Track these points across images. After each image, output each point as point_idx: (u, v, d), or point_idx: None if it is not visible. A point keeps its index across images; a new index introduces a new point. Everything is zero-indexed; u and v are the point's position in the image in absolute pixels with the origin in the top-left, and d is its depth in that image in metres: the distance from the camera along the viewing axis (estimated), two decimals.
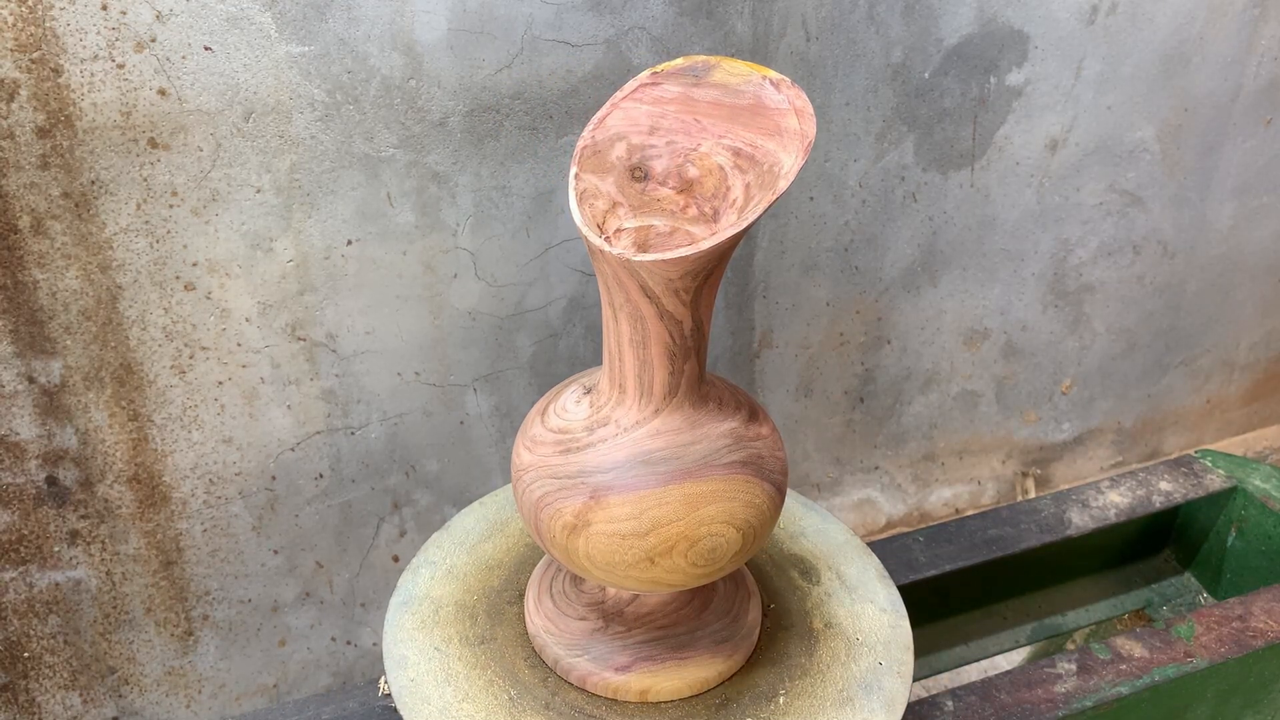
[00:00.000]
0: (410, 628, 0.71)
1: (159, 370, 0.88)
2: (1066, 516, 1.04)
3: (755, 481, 0.61)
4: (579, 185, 0.57)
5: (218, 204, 0.84)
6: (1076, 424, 1.37)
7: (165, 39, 0.77)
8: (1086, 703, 0.82)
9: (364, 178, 0.87)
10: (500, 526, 0.81)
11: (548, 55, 0.88)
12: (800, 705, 0.67)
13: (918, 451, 1.29)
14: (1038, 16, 1.05)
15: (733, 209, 0.56)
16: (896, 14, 0.99)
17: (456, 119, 0.88)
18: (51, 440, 0.87)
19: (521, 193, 0.93)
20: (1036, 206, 1.17)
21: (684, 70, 0.58)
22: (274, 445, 0.95)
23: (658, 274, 0.53)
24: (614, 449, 0.59)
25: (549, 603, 0.71)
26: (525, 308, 0.98)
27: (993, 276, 1.20)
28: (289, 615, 1.03)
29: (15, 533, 0.89)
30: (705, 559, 0.60)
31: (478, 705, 0.66)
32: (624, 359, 0.59)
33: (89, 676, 0.97)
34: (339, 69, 0.82)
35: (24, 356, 0.83)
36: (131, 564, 0.94)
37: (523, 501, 0.62)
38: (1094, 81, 1.12)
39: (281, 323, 0.90)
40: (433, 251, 0.92)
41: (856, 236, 1.10)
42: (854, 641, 0.72)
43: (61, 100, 0.76)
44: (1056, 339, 1.29)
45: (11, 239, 0.79)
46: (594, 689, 0.67)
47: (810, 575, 0.78)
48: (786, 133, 0.55)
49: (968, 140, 1.10)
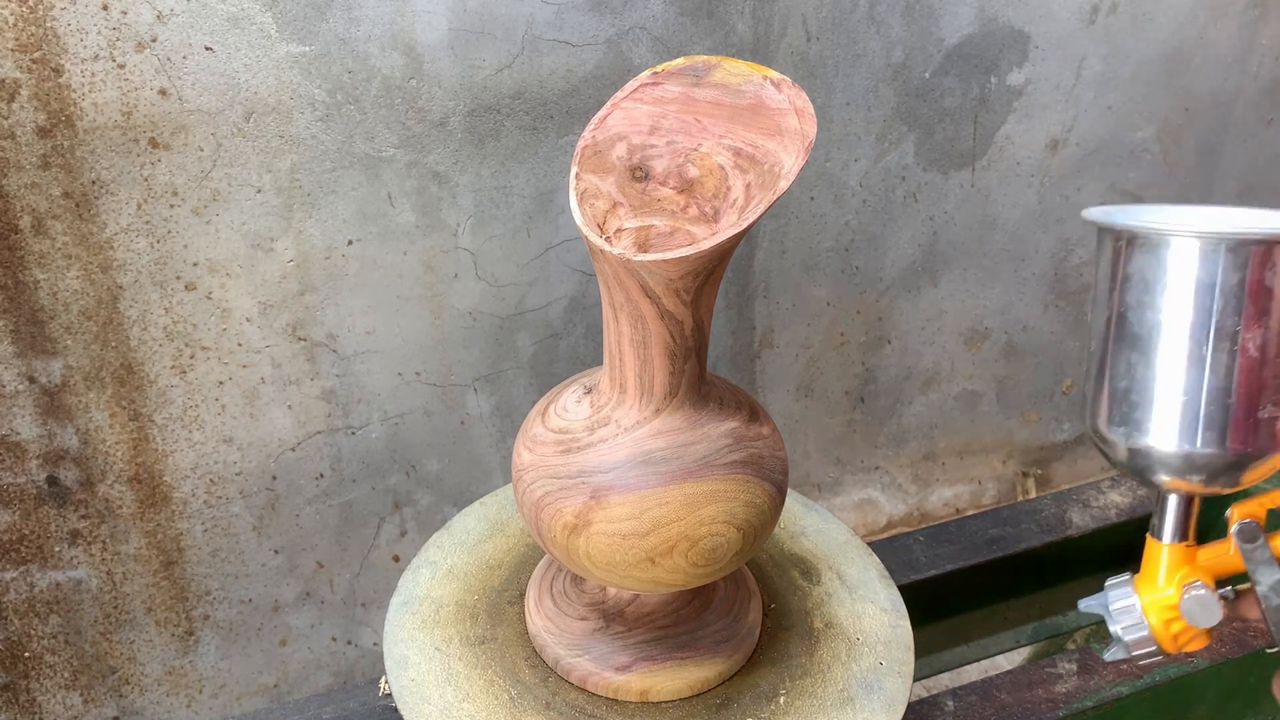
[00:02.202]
0: (411, 628, 0.71)
1: (160, 370, 0.88)
2: (1067, 516, 1.04)
3: (756, 481, 0.61)
4: (579, 185, 0.57)
5: (218, 204, 0.84)
6: (1077, 424, 1.37)
7: (166, 39, 0.77)
8: (1087, 703, 0.82)
9: (364, 178, 0.87)
10: (501, 526, 0.81)
11: (548, 55, 0.88)
12: (801, 705, 0.67)
13: (918, 451, 1.29)
14: (1038, 16, 1.05)
15: (733, 209, 0.56)
16: (897, 14, 0.99)
17: (457, 119, 0.88)
18: (52, 440, 0.87)
19: (522, 193, 0.93)
20: (1037, 206, 1.17)
21: (685, 70, 0.58)
22: (275, 445, 0.95)
23: (658, 274, 0.53)
24: (615, 449, 0.59)
25: (549, 603, 0.71)
26: (526, 308, 0.98)
27: (993, 276, 1.20)
28: (290, 615, 1.03)
29: (16, 532, 0.89)
30: (706, 559, 0.60)
31: (478, 705, 0.66)
32: (624, 359, 0.59)
33: (90, 676, 0.97)
34: (339, 69, 0.82)
35: (25, 356, 0.83)
36: (132, 564, 0.94)
37: (523, 501, 0.62)
38: (1095, 81, 1.11)
39: (282, 323, 0.90)
40: (433, 251, 0.92)
41: (857, 236, 1.10)
42: (855, 641, 0.72)
43: (62, 100, 0.76)
44: (1057, 339, 1.29)
45: (12, 239, 0.79)
46: (595, 689, 0.67)
47: (811, 575, 0.78)
48: (787, 132, 0.55)
49: (968, 140, 1.10)
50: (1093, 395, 0.58)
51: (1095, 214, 0.58)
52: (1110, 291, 0.57)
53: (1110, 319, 0.57)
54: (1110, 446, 0.58)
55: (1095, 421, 0.58)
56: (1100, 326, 0.58)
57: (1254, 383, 0.53)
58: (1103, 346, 0.58)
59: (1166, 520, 0.58)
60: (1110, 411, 0.57)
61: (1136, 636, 0.59)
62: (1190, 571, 0.58)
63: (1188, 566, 0.58)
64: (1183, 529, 0.58)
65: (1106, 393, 0.57)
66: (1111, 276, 0.57)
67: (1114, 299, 0.57)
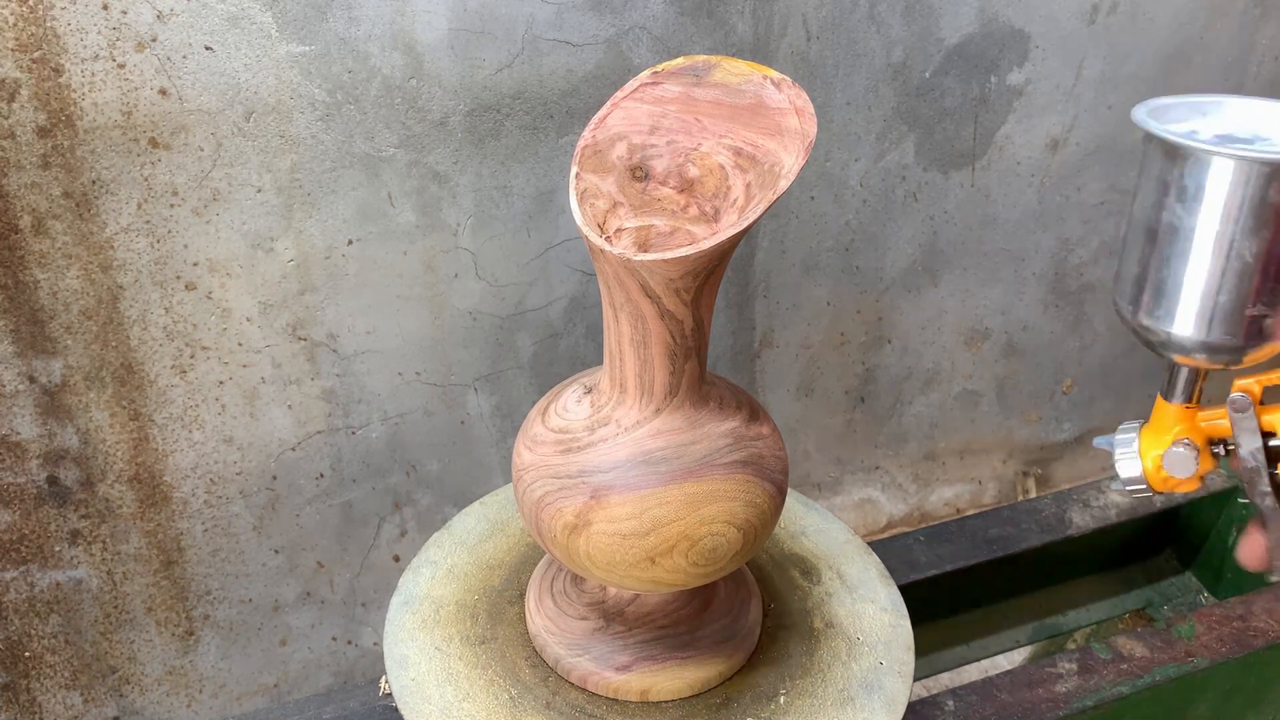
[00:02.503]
0: (411, 627, 0.71)
1: (160, 370, 0.88)
2: (1067, 516, 1.04)
3: (756, 481, 0.61)
4: (580, 185, 0.57)
5: (218, 204, 0.84)
6: (1077, 424, 1.37)
7: (166, 39, 0.77)
8: (1087, 702, 0.82)
9: (365, 177, 0.87)
10: (501, 526, 0.81)
11: (548, 55, 0.88)
12: (801, 705, 0.67)
13: (919, 451, 1.29)
14: (1039, 16, 1.05)
15: (733, 209, 0.56)
16: (897, 13, 0.99)
17: (457, 119, 0.88)
18: (52, 440, 0.87)
19: (522, 192, 0.93)
20: (1037, 206, 1.17)
21: (685, 70, 0.58)
22: (275, 445, 0.95)
23: (658, 273, 0.53)
24: (615, 449, 0.59)
25: (550, 602, 0.71)
26: (526, 307, 0.98)
27: (994, 276, 1.20)
28: (290, 615, 1.03)
29: (16, 532, 0.89)
30: (706, 559, 0.60)
31: (478, 705, 0.66)
32: (625, 359, 0.59)
33: (90, 676, 0.97)
34: (340, 69, 0.82)
35: (25, 356, 0.83)
36: (132, 563, 0.94)
37: (523, 501, 0.62)
38: (1095, 81, 1.11)
39: (282, 322, 0.90)
40: (433, 251, 0.92)
41: (857, 236, 1.10)
42: (855, 641, 0.72)
43: (62, 100, 0.76)
44: (1057, 339, 1.29)
45: (12, 239, 0.79)
46: (595, 689, 0.67)
47: (811, 575, 0.78)
48: (787, 132, 0.55)
49: (969, 140, 1.10)
50: (1125, 280, 0.67)
51: (1143, 116, 0.64)
52: (1151, 194, 0.63)
53: (1147, 217, 0.64)
54: (1138, 326, 0.66)
55: (1125, 304, 0.67)
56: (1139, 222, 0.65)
57: (1259, 285, 0.61)
58: (1140, 240, 0.65)
59: (1176, 385, 0.68)
60: (1138, 297, 0.65)
61: (1131, 474, 0.70)
62: (1187, 429, 0.68)
63: (1186, 424, 0.68)
64: (1188, 393, 0.68)
65: (1137, 280, 0.65)
66: (1155, 181, 0.63)
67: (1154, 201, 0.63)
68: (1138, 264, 0.65)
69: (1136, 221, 0.65)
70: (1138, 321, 0.65)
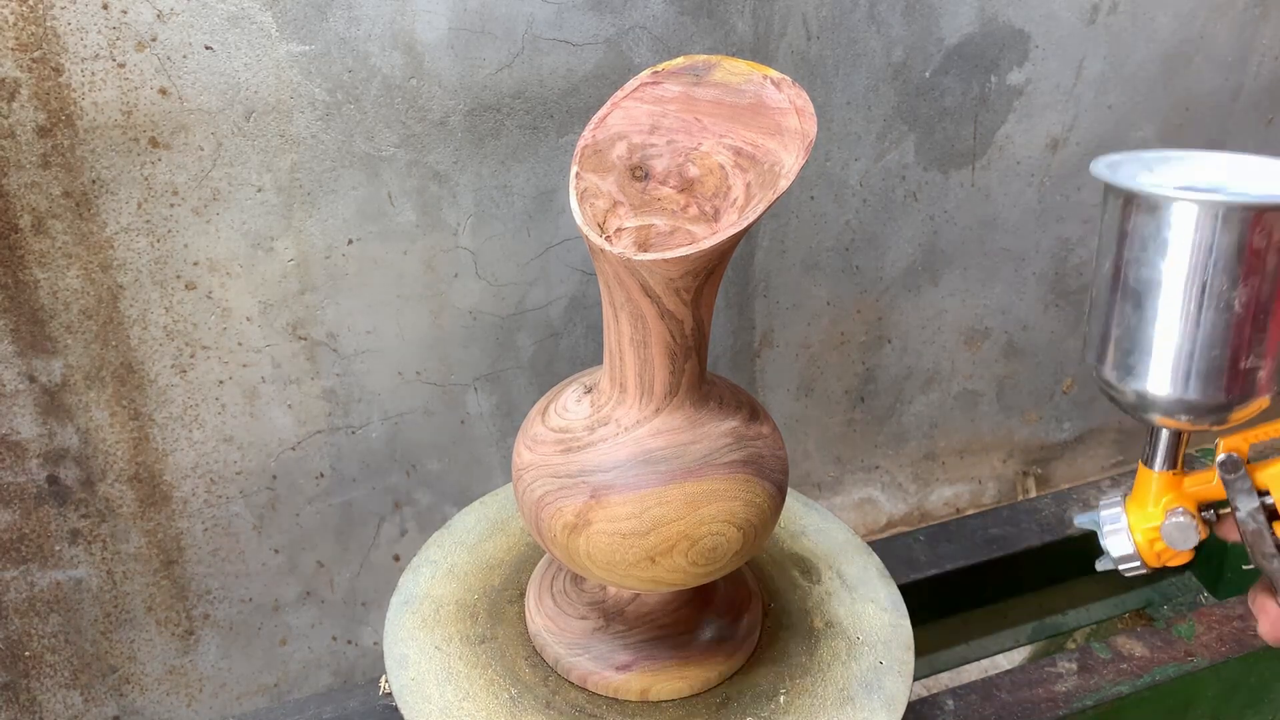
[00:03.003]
0: (411, 627, 0.71)
1: (160, 369, 0.88)
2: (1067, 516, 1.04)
3: (756, 481, 0.61)
4: (579, 184, 0.57)
5: (219, 203, 0.84)
6: (1077, 423, 1.37)
7: (166, 38, 0.77)
8: (1087, 702, 0.82)
9: (365, 177, 0.87)
10: (501, 526, 0.81)
11: (549, 54, 0.88)
12: (801, 704, 0.67)
13: (918, 451, 1.29)
14: (1039, 16, 1.05)
15: (733, 208, 0.56)
16: (897, 13, 0.99)
17: (457, 118, 0.88)
18: (52, 439, 0.87)
19: (522, 192, 0.93)
20: (1037, 206, 1.17)
21: (685, 69, 0.58)
22: (275, 444, 0.95)
23: (658, 273, 0.53)
24: (615, 448, 0.59)
25: (550, 602, 0.71)
26: (526, 307, 0.98)
27: (994, 276, 1.20)
28: (290, 614, 1.03)
29: (16, 532, 0.89)
30: (706, 558, 0.60)
31: (478, 704, 0.66)
32: (625, 358, 0.59)
33: (90, 675, 0.97)
34: (340, 68, 0.82)
35: (25, 355, 0.83)
36: (132, 563, 0.94)
37: (523, 500, 0.62)
38: (1095, 81, 1.11)
39: (282, 322, 0.90)
40: (433, 251, 0.92)
41: (857, 236, 1.10)
42: (855, 640, 0.72)
43: (62, 99, 0.76)
44: (1058, 338, 1.29)
45: (12, 238, 0.79)
46: (595, 688, 0.67)
47: (811, 574, 0.78)
48: (787, 132, 0.55)
49: (969, 139, 1.10)
50: (1096, 339, 0.63)
51: (1101, 169, 0.61)
52: (1113, 246, 0.60)
53: (1112, 272, 0.60)
54: (1110, 388, 0.62)
55: (1096, 364, 0.63)
56: (1105, 277, 0.61)
57: (1240, 337, 0.57)
58: (1107, 297, 0.61)
59: (1158, 451, 0.63)
60: (1110, 357, 0.61)
61: (1123, 552, 0.64)
62: (1175, 497, 0.63)
63: (1174, 492, 0.63)
64: (1171, 459, 0.63)
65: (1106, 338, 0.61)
66: (1116, 233, 0.60)
67: (1117, 254, 0.60)
68: (1113, 324, 0.61)
69: (1104, 279, 0.61)
70: (1115, 384, 0.61)
